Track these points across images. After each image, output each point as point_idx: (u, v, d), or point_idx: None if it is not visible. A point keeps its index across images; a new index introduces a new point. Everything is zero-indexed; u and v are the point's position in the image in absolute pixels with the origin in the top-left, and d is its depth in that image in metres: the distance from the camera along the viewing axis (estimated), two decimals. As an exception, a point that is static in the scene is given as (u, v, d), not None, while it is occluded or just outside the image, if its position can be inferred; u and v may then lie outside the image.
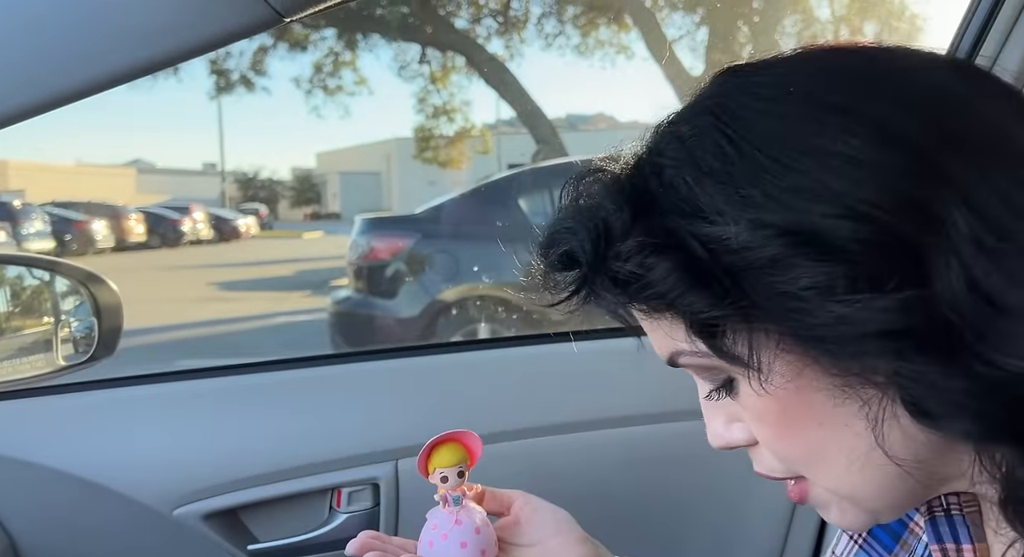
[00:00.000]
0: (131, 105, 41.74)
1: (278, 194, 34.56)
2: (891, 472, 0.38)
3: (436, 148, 12.46)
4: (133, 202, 19.09)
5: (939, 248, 0.33)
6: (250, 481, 0.93)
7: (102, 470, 0.91)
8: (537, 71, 14.92)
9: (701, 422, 1.00)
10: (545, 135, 9.98)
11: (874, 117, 0.35)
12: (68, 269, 1.24)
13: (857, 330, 0.33)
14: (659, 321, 0.41)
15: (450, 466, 0.52)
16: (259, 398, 0.98)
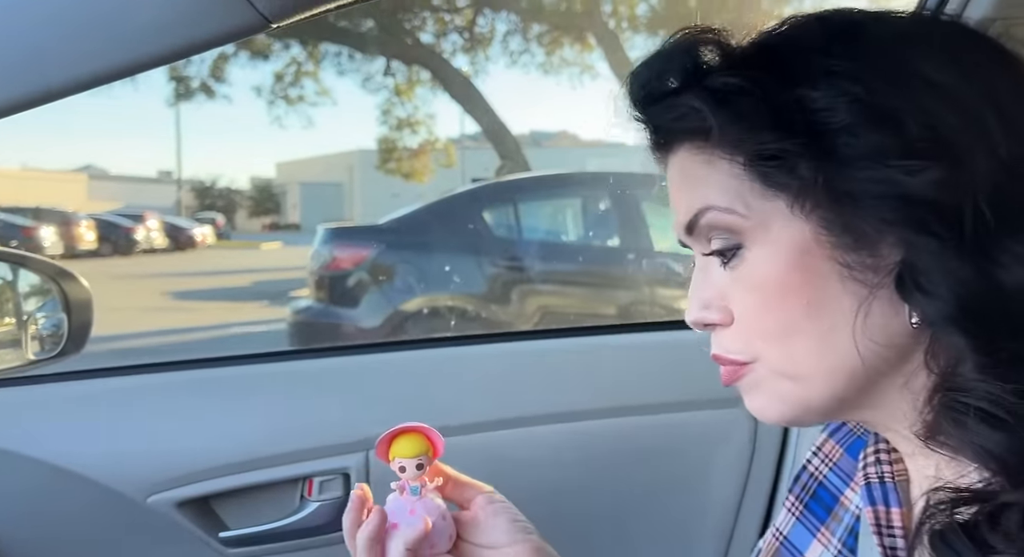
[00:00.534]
0: (83, 109, 40.61)
1: (236, 203, 33.96)
2: (847, 359, 0.43)
3: (400, 160, 12.47)
4: (84, 209, 18.57)
5: (976, 148, 0.40)
6: (223, 470, 0.96)
7: (78, 458, 0.93)
8: (502, 87, 14.99)
9: (655, 417, 1.07)
10: (509, 150, 10.10)
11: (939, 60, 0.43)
12: (38, 264, 1.25)
13: (896, 191, 0.39)
14: (707, 171, 0.45)
15: (409, 457, 0.52)
16: (233, 390, 1.02)
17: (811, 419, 0.48)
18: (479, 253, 4.80)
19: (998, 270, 0.39)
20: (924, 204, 0.39)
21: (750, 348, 0.46)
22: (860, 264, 0.42)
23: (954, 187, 0.39)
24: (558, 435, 1.02)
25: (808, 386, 0.45)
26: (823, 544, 0.56)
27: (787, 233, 0.43)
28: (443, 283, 4.76)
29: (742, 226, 0.44)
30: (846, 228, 0.42)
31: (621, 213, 5.05)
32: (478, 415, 1.03)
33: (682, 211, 0.48)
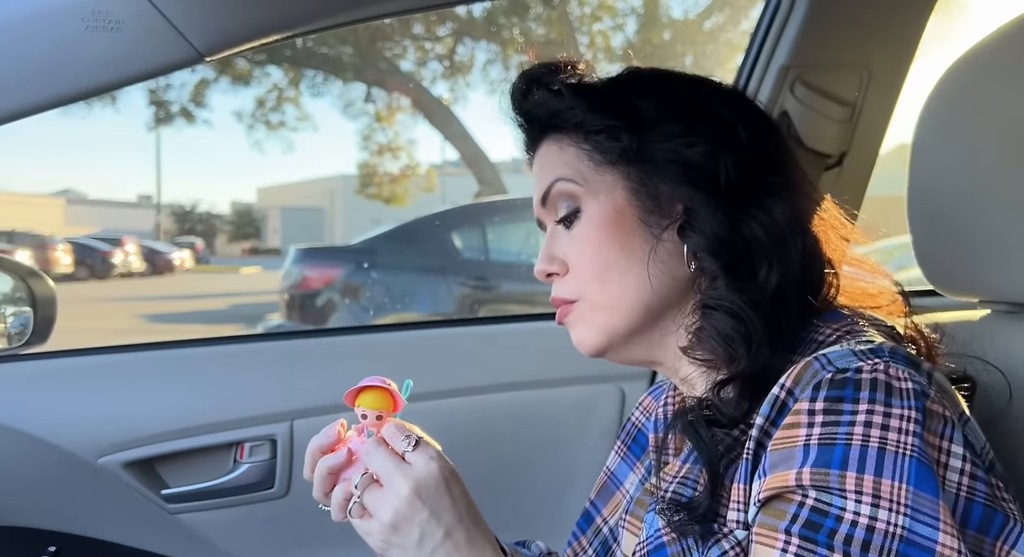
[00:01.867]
0: (61, 133, 40.38)
1: (216, 228, 33.88)
2: (645, 292, 0.60)
3: (380, 185, 12.62)
4: (61, 232, 18.49)
5: (728, 138, 0.60)
6: (166, 436, 1.11)
7: (36, 424, 1.07)
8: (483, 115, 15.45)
9: (538, 392, 1.22)
10: (487, 177, 10.30)
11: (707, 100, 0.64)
12: (8, 263, 1.40)
13: (679, 157, 0.59)
14: (559, 155, 0.63)
15: (371, 408, 0.60)
16: (175, 368, 1.17)
17: (616, 348, 0.63)
18: (448, 273, 4.94)
19: (741, 217, 0.58)
20: (696, 167, 0.59)
21: (577, 289, 0.62)
22: (657, 222, 0.60)
23: (714, 159, 0.59)
24: (457, 407, 1.18)
25: (615, 315, 0.61)
26: (635, 473, 0.74)
27: (610, 199, 0.61)
28: (412, 302, 4.89)
29: (580, 193, 0.62)
30: (649, 194, 0.60)
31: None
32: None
33: (539, 189, 0.65)
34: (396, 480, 0.56)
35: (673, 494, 0.57)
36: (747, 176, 0.59)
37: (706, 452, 0.55)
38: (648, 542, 0.58)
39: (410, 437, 0.58)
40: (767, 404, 0.52)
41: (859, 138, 1.02)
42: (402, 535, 0.55)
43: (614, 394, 1.21)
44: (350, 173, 20.33)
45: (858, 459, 0.45)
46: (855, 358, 0.50)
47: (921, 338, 0.61)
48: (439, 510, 0.56)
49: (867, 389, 0.48)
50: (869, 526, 0.44)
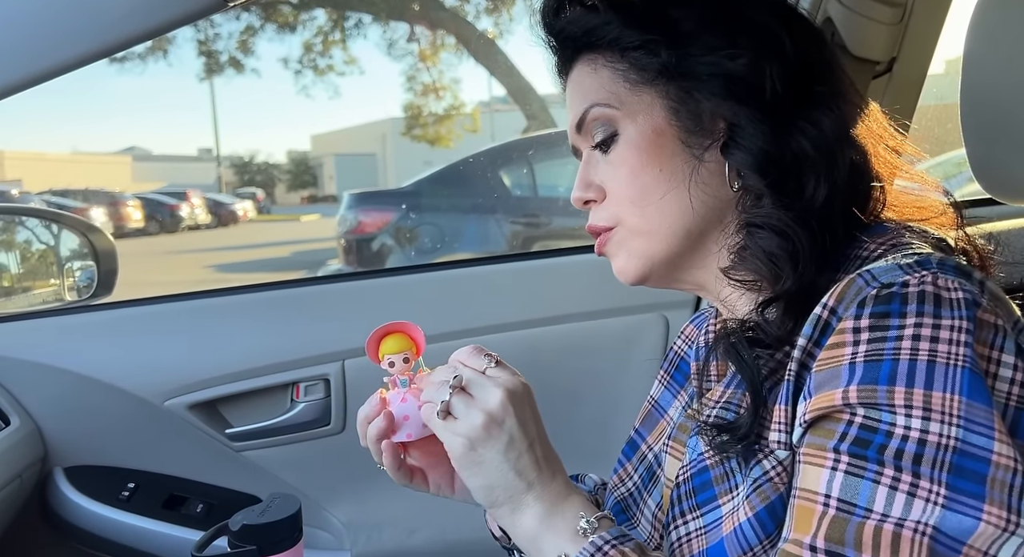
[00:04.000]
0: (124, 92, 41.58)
1: (274, 178, 34.60)
2: (686, 216, 0.57)
3: (426, 126, 12.56)
4: (130, 189, 19.25)
5: (772, 47, 0.56)
6: (226, 378, 1.16)
7: (107, 371, 1.14)
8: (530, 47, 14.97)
9: (583, 324, 1.22)
10: (535, 111, 10.10)
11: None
12: (70, 220, 1.47)
13: (722, 70, 0.55)
14: (593, 77, 0.60)
15: (396, 352, 0.59)
16: (234, 314, 1.21)
17: (657, 274, 0.61)
18: (498, 212, 4.93)
19: (788, 131, 0.55)
20: (740, 80, 0.55)
21: (615, 215, 0.60)
22: (699, 142, 0.57)
23: (757, 67, 0.55)
24: (503, 342, 1.19)
25: (655, 240, 0.59)
26: (679, 401, 0.73)
27: (648, 120, 0.58)
28: (464, 242, 4.92)
29: (617, 117, 0.59)
30: (690, 113, 0.57)
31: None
32: (438, 327, 1.21)
33: (574, 115, 0.61)
34: (487, 385, 0.55)
35: (716, 418, 0.56)
36: (793, 87, 0.55)
37: (748, 373, 0.53)
38: (691, 466, 0.58)
39: (491, 356, 0.58)
40: (809, 324, 0.50)
41: (909, 42, 0.94)
42: (492, 439, 0.54)
43: (658, 323, 1.20)
44: (399, 116, 20.29)
45: (906, 373, 0.44)
46: (901, 272, 0.48)
47: (973, 249, 0.57)
48: (525, 420, 0.55)
49: (914, 302, 0.45)
50: (920, 439, 0.43)
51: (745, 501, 0.51)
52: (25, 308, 1.29)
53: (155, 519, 1.12)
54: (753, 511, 0.50)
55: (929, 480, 0.42)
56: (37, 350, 1.14)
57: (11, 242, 1.60)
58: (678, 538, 0.56)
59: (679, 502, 0.57)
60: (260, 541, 0.63)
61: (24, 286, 1.62)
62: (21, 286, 1.61)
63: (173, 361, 1.17)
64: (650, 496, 0.69)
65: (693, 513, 0.56)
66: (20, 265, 1.59)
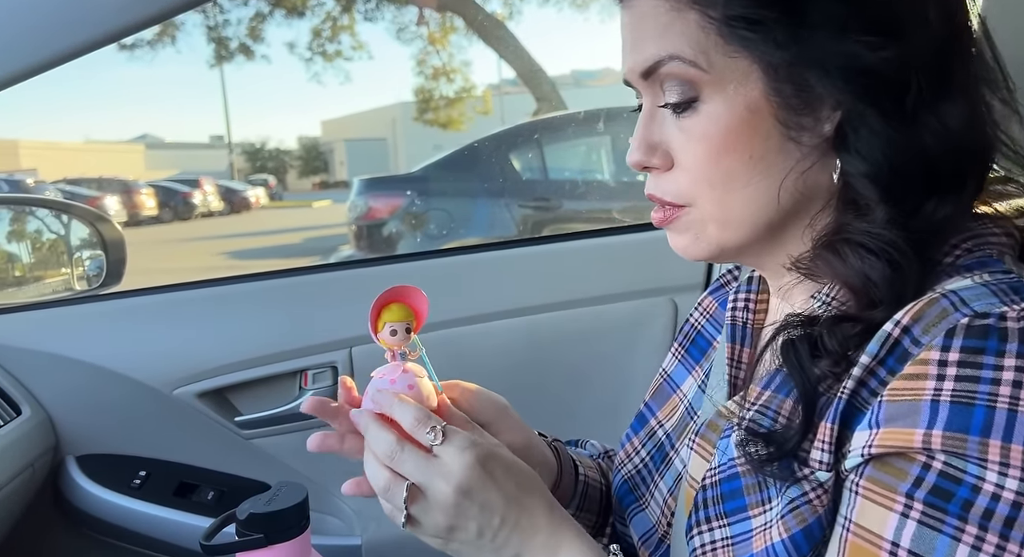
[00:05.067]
0: (134, 79, 41.73)
1: (286, 164, 34.67)
2: (771, 209, 0.49)
3: (437, 110, 12.51)
4: (143, 177, 19.36)
5: (918, 30, 0.45)
6: (235, 367, 1.16)
7: (116, 360, 1.14)
8: (539, 27, 14.73)
9: (589, 309, 1.21)
10: (545, 93, 9.99)
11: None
12: (80, 211, 1.47)
13: (857, 63, 0.45)
14: (674, 18, 0.48)
15: (399, 321, 0.57)
16: (241, 303, 1.21)
17: (721, 258, 0.55)
18: (507, 195, 4.91)
19: (925, 134, 0.46)
20: (876, 76, 0.45)
21: (688, 193, 0.51)
22: (799, 125, 0.47)
23: (901, 63, 0.45)
24: (511, 328, 1.18)
25: (731, 231, 0.51)
26: (694, 378, 0.68)
27: (742, 91, 0.47)
28: (474, 227, 4.91)
29: (701, 80, 0.48)
30: (796, 93, 0.46)
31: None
32: (444, 315, 1.20)
33: (642, 56, 0.50)
34: (436, 485, 0.52)
35: (751, 423, 0.50)
36: (932, 76, 0.46)
37: (806, 385, 0.47)
38: (720, 470, 0.53)
39: (435, 429, 0.53)
40: (876, 342, 0.44)
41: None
42: (459, 534, 0.53)
43: (667, 307, 1.19)
44: (409, 100, 20.23)
45: (1004, 425, 0.38)
46: (996, 300, 0.42)
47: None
48: (488, 501, 0.52)
49: (1016, 340, 0.39)
50: (1016, 502, 0.38)
51: (780, 521, 0.47)
52: (35, 298, 1.29)
53: (166, 506, 1.13)
54: (788, 533, 0.46)
55: (1019, 545, 0.38)
56: (47, 340, 1.14)
57: (22, 232, 1.61)
58: (701, 545, 0.52)
59: (704, 506, 0.53)
60: (267, 529, 0.63)
61: (35, 276, 1.62)
62: (32, 276, 1.62)
63: (182, 350, 1.17)
64: (661, 479, 0.65)
65: (720, 521, 0.52)
66: (30, 255, 1.60)
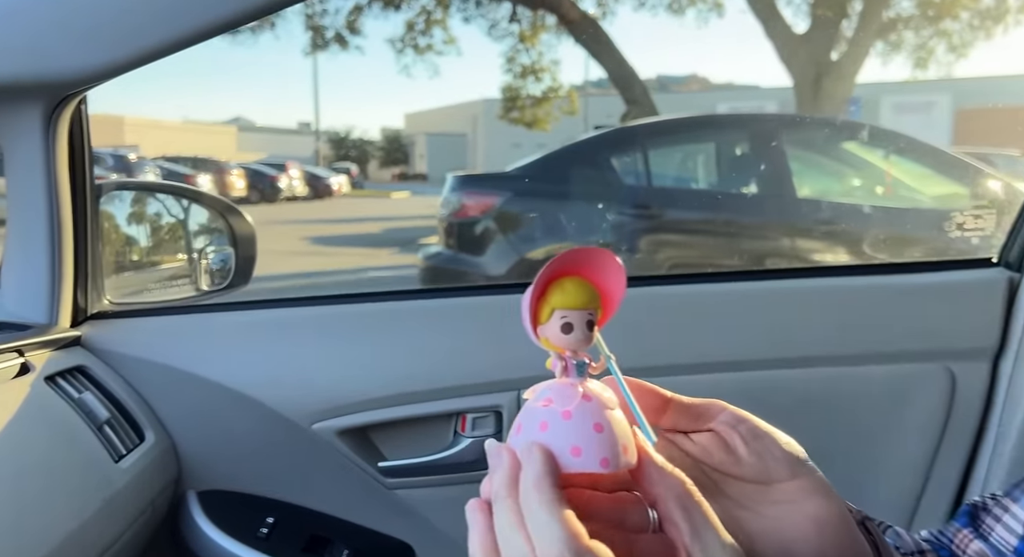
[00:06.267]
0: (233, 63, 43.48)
1: (368, 154, 35.35)
2: None
3: (523, 108, 12.38)
4: (234, 158, 20.01)
5: None
6: (380, 402, 0.98)
7: (250, 383, 0.97)
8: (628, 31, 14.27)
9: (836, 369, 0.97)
10: (636, 96, 9.70)
11: None
12: (210, 200, 1.32)
13: None
14: None
15: (576, 307, 0.35)
16: (389, 324, 1.02)
17: None
18: (606, 201, 4.69)
19: None
20: None
21: None
22: None
23: None
24: (729, 384, 0.95)
25: None
26: None
27: None
28: (568, 231, 4.70)
29: None
30: None
31: (760, 158, 4.74)
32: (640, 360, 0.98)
33: None
34: None
35: None
36: None
37: None
38: None
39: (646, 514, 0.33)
40: None
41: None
42: None
43: (940, 377, 0.93)
44: (492, 97, 20.18)
45: None
46: None
47: None
48: None
49: None
50: None
51: None
52: (159, 301, 1.14)
53: (296, 565, 0.95)
54: None
55: None
56: (171, 352, 0.98)
57: (143, 216, 1.49)
58: None
59: None
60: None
61: (156, 267, 1.50)
62: (154, 267, 1.50)
63: (324, 377, 0.99)
64: None
65: None
66: (154, 246, 1.48)
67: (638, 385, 0.40)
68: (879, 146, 4.56)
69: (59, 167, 0.87)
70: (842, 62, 8.68)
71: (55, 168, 0.87)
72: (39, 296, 0.90)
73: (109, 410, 0.87)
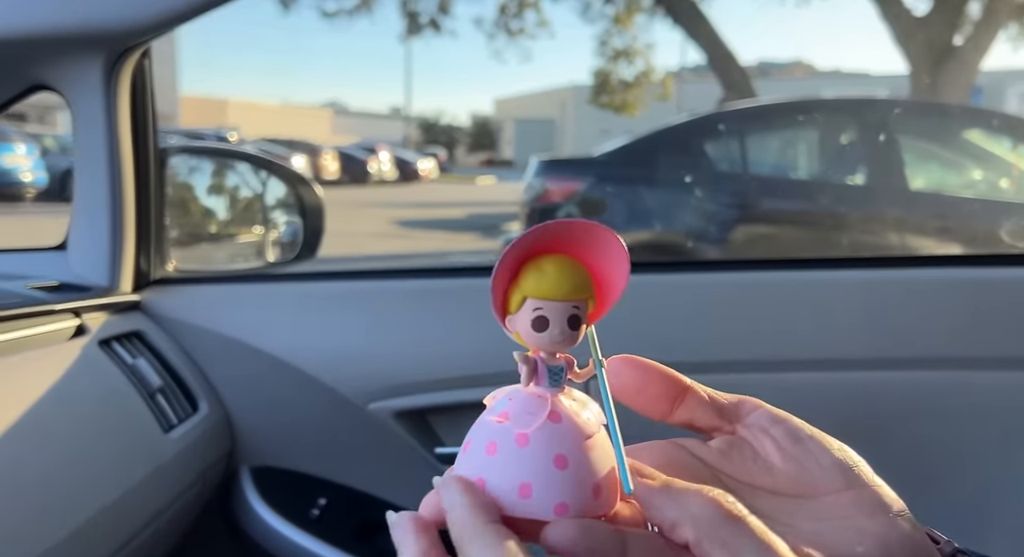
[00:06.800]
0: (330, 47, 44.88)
1: (456, 139, 35.78)
2: None
3: (613, 93, 12.13)
4: (328, 141, 20.69)
5: None
6: (442, 384, 0.91)
7: (308, 358, 0.93)
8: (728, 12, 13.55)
9: (953, 374, 0.83)
10: (735, 81, 9.29)
11: None
12: (280, 169, 1.29)
13: None
14: None
15: (555, 297, 0.27)
16: (461, 302, 0.96)
17: None
18: (697, 188, 4.48)
19: None
20: None
21: None
22: None
23: None
24: (813, 385, 0.83)
25: None
26: None
27: None
28: (656, 219, 4.53)
29: None
30: None
31: (868, 146, 4.40)
32: (740, 352, 0.87)
33: None
34: None
35: None
36: None
37: None
38: None
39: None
40: None
41: None
42: None
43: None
44: (581, 83, 19.90)
45: None
46: None
47: None
48: None
49: None
50: None
51: None
52: (219, 268, 1.12)
53: (345, 552, 0.90)
54: None
55: None
56: (234, 322, 0.95)
57: (223, 187, 1.49)
58: None
59: None
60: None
61: (232, 240, 1.50)
62: (230, 240, 1.50)
63: (384, 355, 0.94)
64: None
65: None
66: (231, 217, 1.47)
67: (645, 367, 0.32)
68: (1006, 135, 4.13)
69: (120, 125, 0.85)
70: (965, 47, 7.98)
71: (116, 126, 0.84)
72: (101, 258, 0.88)
73: (163, 378, 0.85)
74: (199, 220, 1.45)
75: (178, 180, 1.40)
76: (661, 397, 0.32)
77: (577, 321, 0.28)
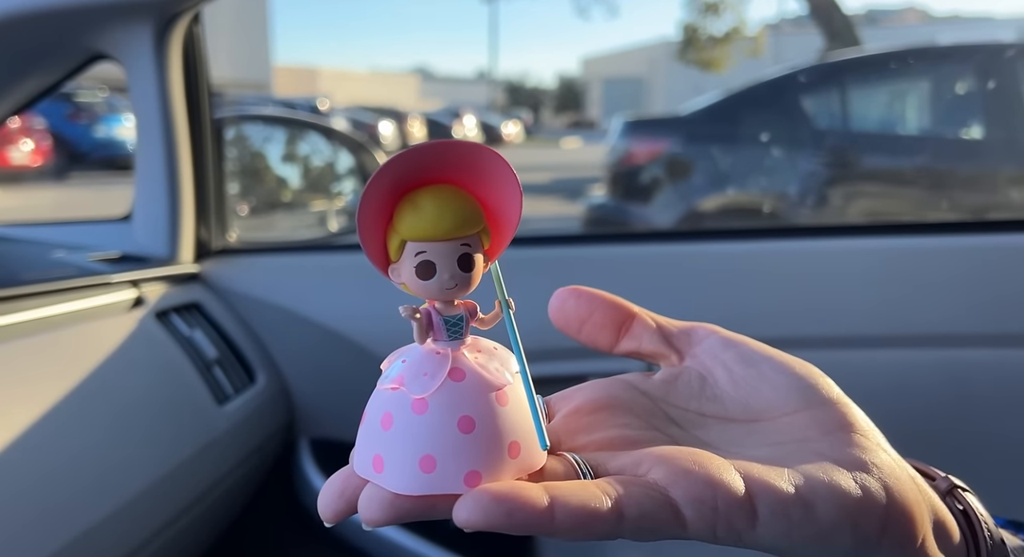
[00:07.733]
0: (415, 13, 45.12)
1: (541, 102, 35.39)
2: None
3: (701, 49, 11.60)
4: (416, 107, 20.94)
5: None
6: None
7: (364, 331, 0.91)
8: (833, -45, 12.59)
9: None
10: (838, 30, 8.66)
11: None
12: (340, 136, 1.27)
13: None
14: None
15: (438, 236, 0.23)
16: (529, 273, 0.90)
17: None
18: (794, 146, 4.20)
19: None
20: None
21: None
22: None
23: None
24: (886, 364, 0.73)
25: None
26: None
27: None
28: (748, 180, 4.29)
29: None
30: None
31: (988, 95, 3.98)
32: (802, 328, 0.78)
33: None
34: None
35: None
36: None
37: None
38: None
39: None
40: None
41: None
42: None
43: None
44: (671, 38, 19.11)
45: None
46: None
47: None
48: None
49: None
50: None
51: None
52: (289, 239, 1.11)
53: (409, 532, 0.89)
54: None
55: None
56: (295, 294, 0.94)
57: (295, 156, 1.49)
58: None
59: None
60: None
61: (300, 202, 1.50)
62: (299, 202, 1.50)
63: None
64: None
65: None
66: (299, 180, 1.47)
67: (590, 296, 0.30)
68: None
69: (173, 94, 0.83)
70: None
71: (169, 94, 0.83)
72: (161, 229, 0.88)
73: (220, 349, 0.84)
74: (273, 188, 1.45)
75: (253, 149, 1.40)
76: (606, 326, 0.30)
77: (469, 261, 0.23)
